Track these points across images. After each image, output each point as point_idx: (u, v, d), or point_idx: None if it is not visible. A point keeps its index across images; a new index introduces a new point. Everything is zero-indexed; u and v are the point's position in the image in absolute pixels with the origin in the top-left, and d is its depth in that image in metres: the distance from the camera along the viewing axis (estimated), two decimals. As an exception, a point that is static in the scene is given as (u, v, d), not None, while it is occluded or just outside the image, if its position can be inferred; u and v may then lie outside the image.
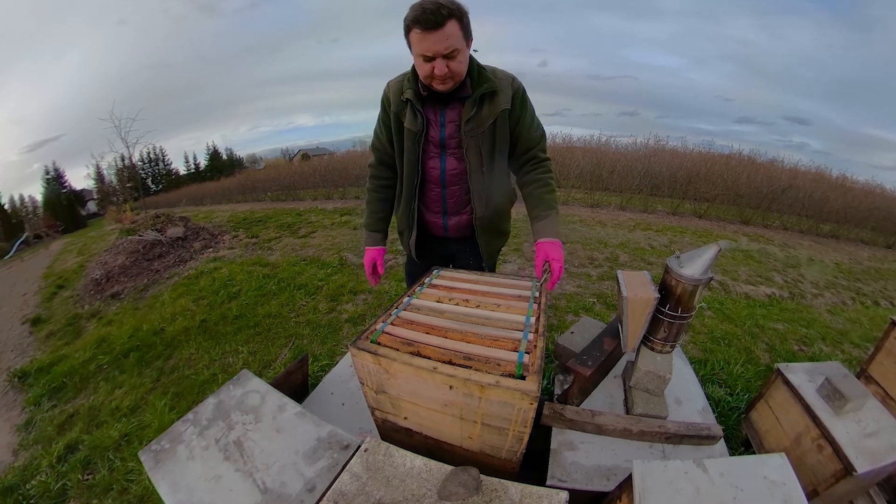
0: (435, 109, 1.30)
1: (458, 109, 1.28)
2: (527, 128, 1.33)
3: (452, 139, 1.32)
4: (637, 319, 1.25)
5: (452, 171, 1.36)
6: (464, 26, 1.12)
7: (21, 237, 19.76)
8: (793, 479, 0.87)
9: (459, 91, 1.25)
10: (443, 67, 1.12)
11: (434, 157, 1.37)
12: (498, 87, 1.26)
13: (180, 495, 1.00)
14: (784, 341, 3.02)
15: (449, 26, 1.07)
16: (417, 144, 1.33)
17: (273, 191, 13.02)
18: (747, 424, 1.72)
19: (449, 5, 1.07)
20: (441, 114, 1.30)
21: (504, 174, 1.40)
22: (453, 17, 1.07)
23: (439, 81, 1.17)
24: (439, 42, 1.08)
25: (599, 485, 1.17)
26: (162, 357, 2.98)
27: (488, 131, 1.28)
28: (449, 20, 1.07)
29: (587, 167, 9.30)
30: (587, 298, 3.56)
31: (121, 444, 2.11)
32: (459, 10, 1.09)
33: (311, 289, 3.92)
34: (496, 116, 1.26)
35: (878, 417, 1.33)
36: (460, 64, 1.16)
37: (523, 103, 1.31)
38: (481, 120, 1.26)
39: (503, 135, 1.30)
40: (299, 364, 1.73)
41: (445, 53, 1.10)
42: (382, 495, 0.89)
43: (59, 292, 5.17)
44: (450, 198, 1.42)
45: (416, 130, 1.31)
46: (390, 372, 1.10)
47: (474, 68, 1.25)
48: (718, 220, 7.77)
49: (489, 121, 1.26)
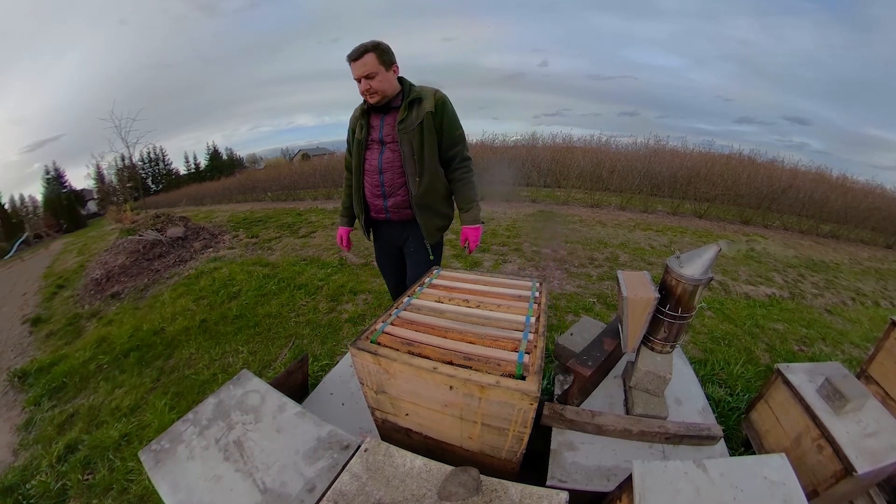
0: (378, 117, 1.74)
1: (394, 115, 1.70)
2: (448, 127, 1.71)
3: (388, 136, 1.70)
4: (637, 319, 1.25)
5: (388, 161, 1.73)
6: (380, 56, 1.57)
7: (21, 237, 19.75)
8: (793, 480, 0.87)
9: (393, 102, 1.68)
10: (366, 85, 1.60)
11: (374, 151, 1.77)
12: (423, 96, 1.67)
13: (180, 495, 1.00)
14: (784, 341, 3.02)
15: (366, 57, 1.56)
16: (361, 146, 1.78)
17: (273, 191, 13.03)
18: (747, 425, 1.72)
19: (367, 44, 1.56)
20: (381, 119, 1.72)
21: (433, 164, 1.72)
22: (369, 51, 1.56)
23: (368, 95, 1.63)
24: (359, 68, 1.57)
25: (599, 485, 1.17)
26: (162, 357, 2.98)
27: (417, 129, 1.65)
28: (366, 53, 1.56)
29: (587, 167, 9.30)
30: (587, 298, 3.56)
31: (121, 444, 2.11)
32: (375, 46, 1.57)
33: (312, 289, 3.92)
34: (423, 118, 1.64)
35: (878, 418, 1.33)
36: (380, 82, 1.60)
37: (444, 107, 1.69)
38: (411, 121, 1.65)
39: (430, 132, 1.67)
40: (299, 364, 1.73)
41: (365, 75, 1.58)
42: (382, 495, 0.89)
43: (60, 292, 5.17)
44: (387, 182, 1.76)
45: (360, 137, 1.77)
46: (390, 372, 1.10)
47: (405, 85, 1.70)
48: (718, 220, 7.77)
49: (417, 121, 1.64)
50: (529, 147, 11.03)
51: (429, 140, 1.67)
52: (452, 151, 1.76)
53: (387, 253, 2.07)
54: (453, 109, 1.73)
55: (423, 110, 1.64)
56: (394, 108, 1.69)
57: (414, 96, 1.66)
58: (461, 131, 1.77)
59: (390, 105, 1.69)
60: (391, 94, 1.66)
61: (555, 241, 5.35)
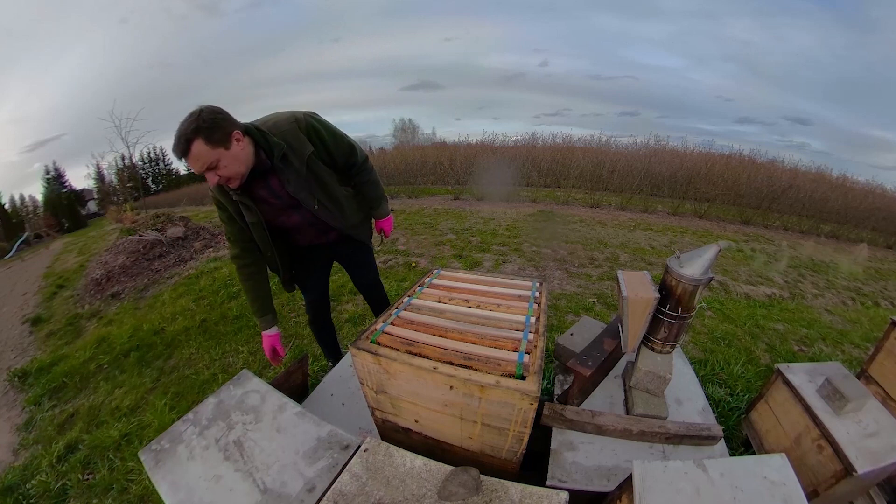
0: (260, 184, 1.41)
1: (274, 177, 1.40)
2: (334, 148, 1.48)
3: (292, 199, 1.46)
4: (637, 319, 1.25)
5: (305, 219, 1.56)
6: (210, 139, 1.18)
7: (21, 237, 19.76)
8: (793, 480, 0.87)
9: (261, 165, 1.35)
10: (213, 178, 1.25)
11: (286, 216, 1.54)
12: (289, 141, 1.35)
13: (180, 495, 1.00)
14: (784, 341, 3.02)
15: (195, 148, 1.17)
16: (262, 228, 1.49)
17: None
18: (747, 425, 1.72)
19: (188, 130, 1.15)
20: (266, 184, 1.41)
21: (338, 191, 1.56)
22: (197, 138, 1.16)
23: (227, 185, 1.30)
24: (194, 164, 1.20)
25: (599, 485, 1.17)
26: (162, 357, 2.98)
27: (308, 176, 1.42)
28: (193, 143, 1.16)
29: (587, 167, 9.30)
30: (587, 298, 3.56)
31: (121, 444, 2.11)
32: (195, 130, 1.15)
33: (312, 289, 3.91)
34: (307, 163, 1.40)
35: (878, 418, 1.33)
36: (227, 168, 1.24)
37: (318, 133, 1.42)
38: (298, 176, 1.40)
39: (320, 168, 1.45)
40: (299, 364, 1.73)
41: (206, 169, 1.21)
42: (382, 495, 0.89)
43: (60, 292, 5.18)
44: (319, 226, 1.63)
45: (253, 220, 1.45)
46: (390, 372, 1.10)
47: (260, 139, 1.32)
48: (719, 220, 7.77)
49: (303, 168, 1.39)
50: (529, 147, 11.03)
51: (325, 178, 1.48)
52: (348, 163, 1.57)
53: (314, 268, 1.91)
54: (326, 124, 1.47)
55: (301, 155, 1.38)
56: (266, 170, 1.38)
57: (279, 152, 1.33)
58: (346, 139, 1.53)
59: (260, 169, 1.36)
60: (250, 165, 1.31)
61: (555, 241, 5.35)
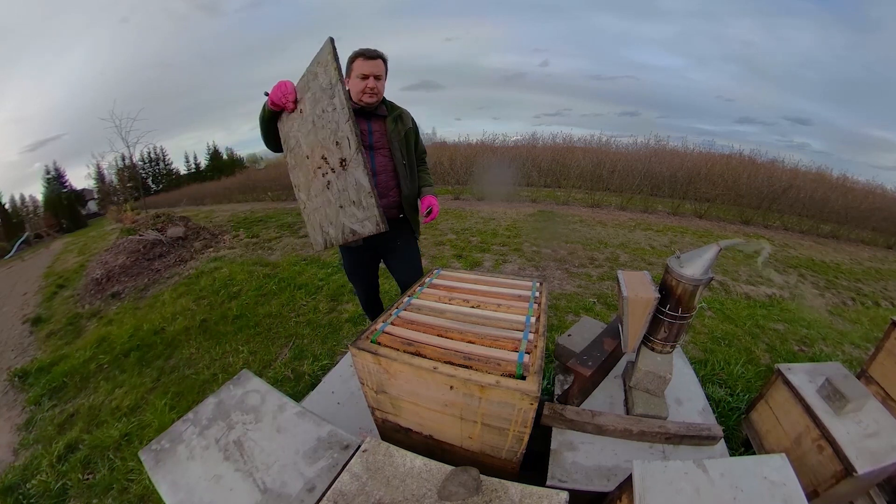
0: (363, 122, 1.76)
1: (379, 122, 1.80)
2: (420, 143, 2.01)
3: (379, 142, 1.81)
4: (637, 319, 1.25)
5: (381, 165, 1.82)
6: (386, 65, 1.72)
7: (22, 237, 19.74)
8: (793, 480, 0.87)
9: (378, 110, 1.78)
10: (372, 83, 1.68)
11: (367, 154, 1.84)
12: (402, 113, 1.86)
13: (180, 495, 1.00)
14: (784, 342, 3.02)
15: (380, 61, 1.69)
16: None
17: (274, 190, 13.03)
18: (747, 425, 1.72)
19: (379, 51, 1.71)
20: (368, 125, 1.78)
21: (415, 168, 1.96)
22: (382, 58, 1.70)
23: (369, 94, 1.69)
24: (374, 67, 1.67)
25: (599, 485, 1.17)
26: (162, 357, 2.98)
27: (403, 139, 1.85)
28: (380, 58, 1.69)
29: (588, 167, 9.30)
30: (587, 298, 3.56)
31: (121, 444, 2.11)
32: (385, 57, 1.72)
33: (312, 288, 3.92)
34: (405, 131, 1.85)
35: (878, 418, 1.33)
36: (380, 84, 1.71)
37: (416, 125, 1.95)
38: (398, 131, 1.83)
39: (410, 143, 1.89)
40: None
41: (375, 75, 1.68)
42: (382, 495, 0.89)
43: (60, 292, 5.18)
44: (380, 185, 1.81)
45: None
46: (390, 372, 1.10)
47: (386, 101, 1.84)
48: (719, 220, 7.77)
49: (402, 132, 1.84)
50: (530, 147, 11.04)
51: (412, 149, 1.91)
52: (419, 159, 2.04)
53: (361, 262, 2.07)
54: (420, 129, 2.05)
55: (405, 125, 1.85)
56: (378, 115, 1.79)
57: (397, 112, 1.84)
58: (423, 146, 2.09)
59: (375, 112, 1.78)
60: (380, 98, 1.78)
61: (555, 241, 5.35)
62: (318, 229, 1.74)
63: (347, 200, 1.53)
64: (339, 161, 1.49)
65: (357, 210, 1.52)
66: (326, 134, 1.48)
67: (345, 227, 1.60)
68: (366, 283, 2.17)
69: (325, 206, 1.64)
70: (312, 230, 1.79)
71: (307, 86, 1.51)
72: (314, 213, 1.72)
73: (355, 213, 1.53)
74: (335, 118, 1.43)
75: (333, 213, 1.61)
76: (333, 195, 1.57)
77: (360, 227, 1.54)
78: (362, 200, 1.49)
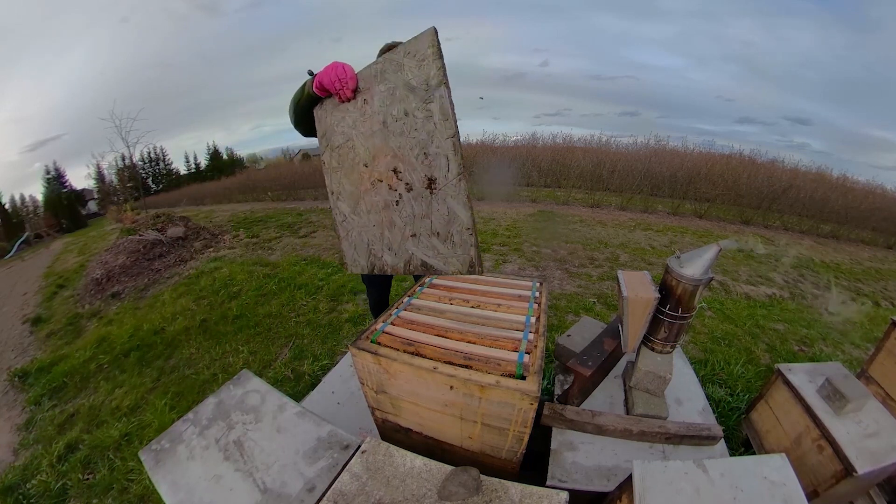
0: None
1: None
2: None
3: None
4: (637, 319, 1.25)
5: None
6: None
7: (22, 237, 19.72)
8: (793, 480, 0.87)
9: None
10: None
11: None
12: None
13: (180, 495, 1.00)
14: (784, 342, 3.02)
15: None
16: None
17: (274, 190, 13.04)
18: (747, 425, 1.72)
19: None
20: None
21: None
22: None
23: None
24: None
25: (599, 485, 1.17)
26: (162, 357, 2.98)
27: None
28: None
29: (588, 167, 9.30)
30: (587, 298, 3.56)
31: (121, 444, 2.11)
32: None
33: (312, 289, 3.92)
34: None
35: (878, 418, 1.33)
36: None
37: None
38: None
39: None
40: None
41: None
42: (382, 495, 0.89)
43: (60, 292, 5.18)
44: None
45: None
46: (390, 372, 1.10)
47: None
48: (719, 220, 7.77)
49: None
50: (530, 147, 11.04)
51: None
52: None
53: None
54: None
55: None
56: None
57: None
58: None
59: None
60: None
61: (555, 241, 5.35)
62: (363, 250, 1.42)
63: (427, 230, 1.24)
64: (426, 181, 1.20)
65: (441, 244, 1.23)
66: (408, 143, 1.20)
67: (413, 258, 1.29)
68: (381, 287, 2.14)
69: (384, 228, 1.33)
70: (352, 249, 1.46)
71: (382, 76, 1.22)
72: (361, 231, 1.41)
73: (437, 247, 1.24)
74: (428, 128, 1.16)
75: (397, 238, 1.31)
76: (401, 218, 1.27)
77: (440, 263, 1.25)
78: (453, 235, 1.21)
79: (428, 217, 1.23)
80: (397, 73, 1.18)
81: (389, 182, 1.27)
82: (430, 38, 1.11)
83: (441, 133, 1.15)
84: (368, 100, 1.25)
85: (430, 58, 1.12)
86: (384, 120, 1.23)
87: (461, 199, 1.16)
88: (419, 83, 1.15)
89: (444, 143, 1.15)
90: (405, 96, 1.18)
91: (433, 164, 1.18)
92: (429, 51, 1.12)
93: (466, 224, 1.17)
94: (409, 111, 1.18)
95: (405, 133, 1.20)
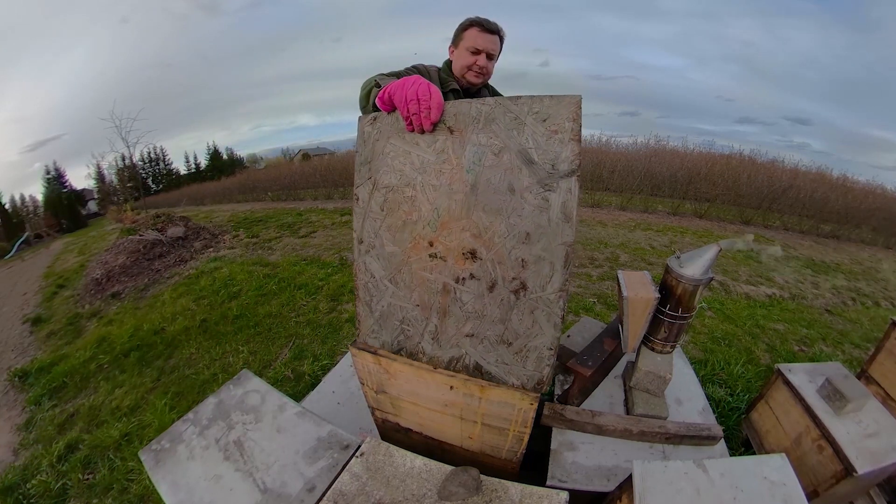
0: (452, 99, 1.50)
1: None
2: None
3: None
4: (637, 319, 1.25)
5: None
6: (501, 46, 1.49)
7: (22, 237, 19.73)
8: (793, 480, 0.87)
9: (479, 93, 1.54)
10: (483, 61, 1.44)
11: None
12: None
13: (180, 495, 1.00)
14: (784, 342, 3.02)
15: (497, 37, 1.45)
16: None
17: (273, 190, 13.04)
18: (748, 425, 1.72)
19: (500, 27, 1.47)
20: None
21: None
22: (500, 35, 1.46)
23: (475, 74, 1.46)
24: (490, 43, 1.43)
25: (599, 485, 1.17)
26: (162, 357, 2.98)
27: None
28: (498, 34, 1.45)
29: (588, 167, 9.29)
30: (587, 298, 3.56)
31: (121, 444, 2.11)
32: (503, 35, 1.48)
33: (312, 288, 3.92)
34: None
35: (878, 418, 1.33)
36: (491, 65, 1.48)
37: None
38: None
39: None
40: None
41: (489, 52, 1.44)
42: (382, 495, 0.89)
43: (60, 292, 5.18)
44: None
45: None
46: (390, 372, 1.10)
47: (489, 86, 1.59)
48: (719, 220, 7.77)
49: None
50: (530, 147, 11.01)
51: None
52: None
53: None
54: None
55: None
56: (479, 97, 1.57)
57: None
58: None
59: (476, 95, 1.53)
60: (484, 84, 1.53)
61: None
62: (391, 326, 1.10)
63: (496, 336, 0.99)
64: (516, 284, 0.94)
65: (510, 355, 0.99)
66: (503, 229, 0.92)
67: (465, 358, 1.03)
68: None
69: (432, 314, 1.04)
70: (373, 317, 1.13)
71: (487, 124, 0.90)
72: (394, 304, 1.08)
73: (502, 356, 0.99)
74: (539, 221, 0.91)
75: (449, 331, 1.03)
76: (462, 311, 1.00)
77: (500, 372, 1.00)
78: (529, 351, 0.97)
79: (503, 323, 0.97)
80: (512, 132, 0.88)
81: (458, 264, 0.97)
82: (574, 109, 0.85)
83: (554, 235, 0.91)
84: (455, 146, 0.93)
85: (568, 133, 0.85)
86: (475, 183, 0.92)
87: (554, 319, 0.93)
88: (542, 160, 0.88)
89: (554, 248, 0.92)
90: (516, 167, 0.89)
91: (532, 268, 0.92)
92: (567, 124, 0.85)
93: (549, 344, 0.95)
94: (518, 189, 0.90)
95: (502, 213, 0.91)
